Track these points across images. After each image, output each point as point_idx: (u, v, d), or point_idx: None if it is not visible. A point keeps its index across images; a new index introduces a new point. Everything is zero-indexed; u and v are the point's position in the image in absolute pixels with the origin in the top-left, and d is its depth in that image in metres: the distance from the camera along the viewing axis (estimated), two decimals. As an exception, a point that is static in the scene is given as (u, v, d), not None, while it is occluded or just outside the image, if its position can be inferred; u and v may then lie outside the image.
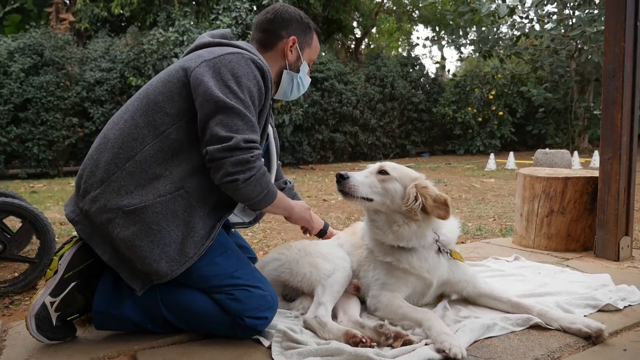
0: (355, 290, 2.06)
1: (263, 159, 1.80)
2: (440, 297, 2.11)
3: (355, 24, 17.38)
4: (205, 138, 1.65)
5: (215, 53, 1.74)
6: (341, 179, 1.90)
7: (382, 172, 1.96)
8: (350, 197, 1.91)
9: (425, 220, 1.92)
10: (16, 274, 2.86)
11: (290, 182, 2.39)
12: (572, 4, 12.63)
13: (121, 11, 12.63)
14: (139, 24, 12.74)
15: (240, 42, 1.88)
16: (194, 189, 1.70)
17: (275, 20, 2.00)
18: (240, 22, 11.72)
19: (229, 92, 1.66)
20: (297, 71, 2.06)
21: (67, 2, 14.26)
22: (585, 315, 1.93)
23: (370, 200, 1.92)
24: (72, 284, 1.76)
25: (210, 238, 1.73)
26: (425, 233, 1.94)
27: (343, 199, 1.96)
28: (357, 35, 18.13)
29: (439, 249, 1.98)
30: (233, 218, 2.08)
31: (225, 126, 1.63)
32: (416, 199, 1.88)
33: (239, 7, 11.90)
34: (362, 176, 1.94)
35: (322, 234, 2.35)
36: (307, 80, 2.14)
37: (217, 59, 1.71)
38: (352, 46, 17.98)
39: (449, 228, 2.06)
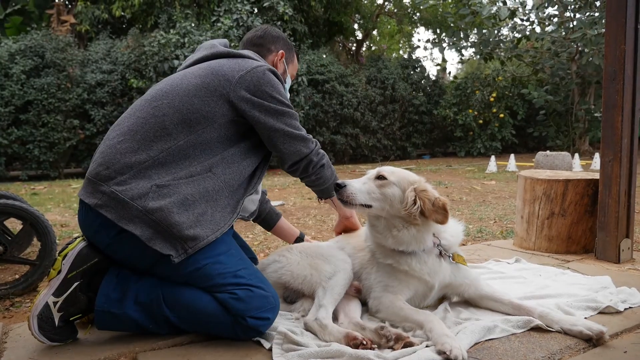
0: (357, 292, 2.06)
1: None
2: (441, 299, 2.11)
3: (356, 26, 17.40)
4: (284, 153, 1.99)
5: (246, 67, 1.95)
6: (339, 188, 1.93)
7: (380, 177, 1.96)
8: (349, 205, 1.94)
9: (424, 224, 1.92)
10: (17, 276, 2.86)
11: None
12: (572, 6, 12.64)
13: (122, 13, 12.67)
14: (140, 26, 12.77)
15: (251, 53, 2.11)
16: (221, 173, 1.85)
17: (265, 36, 2.25)
18: (241, 24, 11.74)
19: (277, 108, 1.94)
20: (284, 83, 2.19)
21: (68, 4, 14.30)
22: (585, 318, 1.93)
23: (369, 206, 1.92)
24: (76, 284, 1.76)
25: (236, 212, 1.90)
26: (424, 237, 1.93)
27: (343, 206, 2.00)
28: (358, 38, 18.15)
29: (440, 252, 1.98)
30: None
31: (291, 127, 1.97)
32: (415, 202, 1.88)
33: (240, 9, 11.93)
34: (360, 183, 1.95)
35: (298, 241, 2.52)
36: (287, 93, 2.29)
37: (252, 73, 1.93)
38: (353, 48, 18.00)
39: (452, 232, 2.05)
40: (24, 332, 1.81)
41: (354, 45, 18.14)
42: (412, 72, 15.34)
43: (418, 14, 19.34)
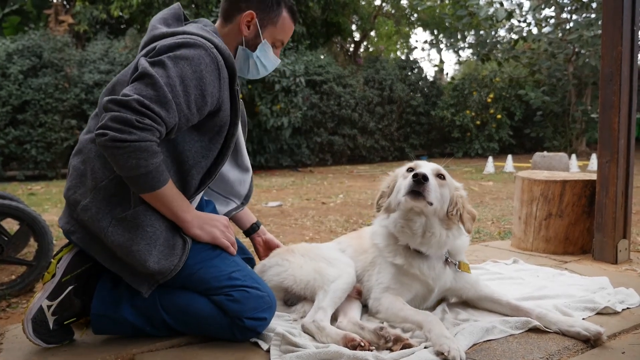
0: (357, 294, 2.05)
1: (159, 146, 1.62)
2: (440, 300, 2.11)
3: (354, 27, 17.40)
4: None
5: (167, 43, 1.67)
6: (423, 181, 1.77)
7: (439, 175, 1.92)
8: (420, 199, 1.79)
9: (454, 230, 1.94)
10: (13, 277, 2.85)
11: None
12: (569, 8, 12.68)
13: (120, 13, 12.63)
14: (138, 26, 12.74)
15: (194, 25, 1.81)
16: (176, 180, 1.72)
17: None
18: (239, 24, 11.73)
19: (159, 68, 1.59)
20: (254, 49, 1.91)
21: (67, 4, 14.27)
22: (583, 318, 1.93)
23: (432, 204, 1.83)
24: (70, 288, 1.75)
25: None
26: (447, 243, 1.94)
27: (410, 199, 1.79)
28: (355, 39, 18.15)
29: (447, 259, 1.98)
30: (226, 206, 2.06)
31: (134, 89, 1.56)
32: (457, 208, 1.90)
33: (237, 10, 11.91)
34: (432, 179, 1.85)
35: (251, 231, 2.25)
36: (271, 62, 1.97)
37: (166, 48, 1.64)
38: (351, 49, 18.00)
39: (461, 240, 2.04)
40: (21, 333, 1.80)
41: (352, 46, 18.15)
42: (409, 73, 15.35)
43: (415, 15, 19.37)
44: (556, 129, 14.55)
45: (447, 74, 20.61)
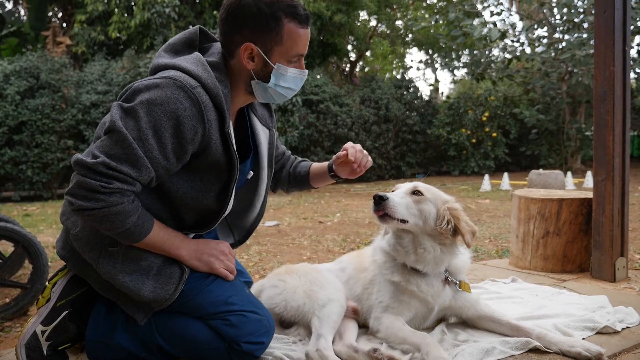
0: (354, 313, 2.04)
1: (135, 198, 1.54)
2: (440, 320, 2.10)
3: (349, 47, 17.63)
4: None
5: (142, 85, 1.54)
6: (381, 201, 1.81)
7: (416, 192, 1.92)
8: (387, 219, 1.84)
9: (450, 246, 1.92)
10: (7, 300, 2.81)
11: (304, 162, 2.14)
12: (561, 28, 12.90)
13: (118, 35, 12.78)
14: (136, 47, 12.87)
15: (191, 57, 1.63)
16: (168, 219, 1.69)
17: (227, 20, 1.62)
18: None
19: (130, 119, 1.47)
20: (268, 78, 1.67)
21: (65, 25, 14.41)
22: (583, 338, 1.92)
23: (406, 221, 1.87)
24: (65, 313, 1.72)
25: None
26: (444, 260, 1.93)
27: (379, 222, 1.86)
28: (351, 59, 18.37)
29: (447, 278, 1.97)
30: (225, 239, 2.01)
31: (101, 147, 1.46)
32: (448, 222, 1.88)
33: (234, 31, 12.04)
34: (399, 197, 1.88)
35: (330, 169, 2.05)
36: (294, 80, 1.71)
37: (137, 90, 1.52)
38: (347, 69, 18.21)
39: (460, 258, 2.03)
40: (14, 358, 1.77)
41: (348, 66, 18.36)
42: (405, 92, 15.50)
43: (410, 36, 19.64)
44: (551, 147, 14.66)
45: (442, 92, 20.82)
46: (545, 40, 13.46)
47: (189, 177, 1.64)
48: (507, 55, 13.36)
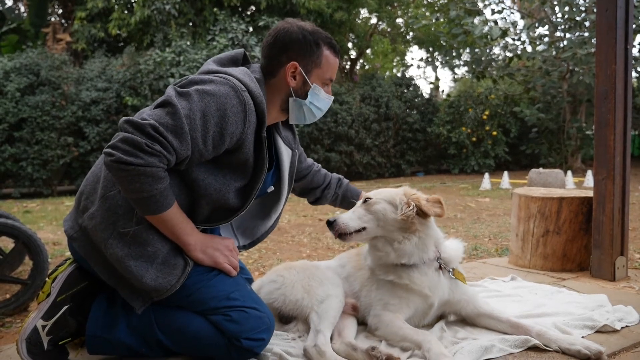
0: (353, 310, 2.04)
1: (166, 171, 1.60)
2: (439, 318, 2.10)
3: (350, 45, 17.62)
4: None
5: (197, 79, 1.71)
6: (330, 225, 1.94)
7: (366, 200, 2.00)
8: (345, 236, 1.94)
9: (424, 229, 1.94)
10: (8, 296, 2.82)
11: (340, 180, 2.34)
12: (562, 26, 12.88)
13: (118, 32, 12.76)
14: (136, 44, 12.87)
15: (239, 69, 1.80)
16: (183, 206, 1.72)
17: (275, 44, 1.85)
18: (236, 43, 11.85)
19: (183, 99, 1.61)
20: (305, 97, 1.89)
21: (65, 22, 14.39)
22: (583, 336, 1.92)
23: (364, 229, 1.94)
24: (65, 308, 1.73)
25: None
26: (426, 245, 1.94)
27: (341, 242, 1.99)
28: (352, 56, 18.36)
29: (440, 266, 1.97)
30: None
31: (152, 115, 1.57)
32: (408, 204, 1.91)
33: (235, 28, 12.05)
34: (349, 213, 1.99)
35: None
36: (325, 102, 1.95)
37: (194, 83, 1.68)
38: (348, 67, 18.19)
39: (452, 247, 2.06)
40: (14, 353, 1.78)
41: (348, 63, 18.34)
42: (405, 91, 15.49)
43: (411, 34, 19.63)
44: (551, 146, 14.65)
45: (442, 91, 20.79)
46: (546, 39, 13.44)
47: (215, 170, 1.73)
48: (508, 54, 13.34)
